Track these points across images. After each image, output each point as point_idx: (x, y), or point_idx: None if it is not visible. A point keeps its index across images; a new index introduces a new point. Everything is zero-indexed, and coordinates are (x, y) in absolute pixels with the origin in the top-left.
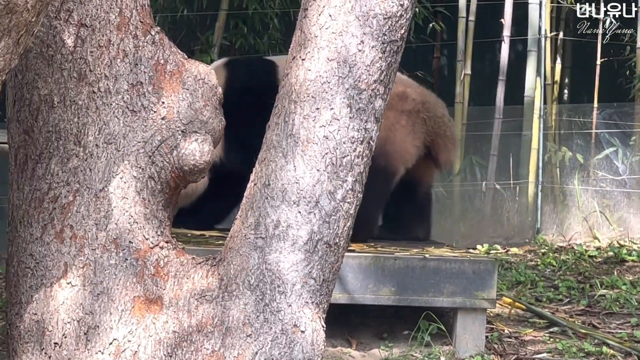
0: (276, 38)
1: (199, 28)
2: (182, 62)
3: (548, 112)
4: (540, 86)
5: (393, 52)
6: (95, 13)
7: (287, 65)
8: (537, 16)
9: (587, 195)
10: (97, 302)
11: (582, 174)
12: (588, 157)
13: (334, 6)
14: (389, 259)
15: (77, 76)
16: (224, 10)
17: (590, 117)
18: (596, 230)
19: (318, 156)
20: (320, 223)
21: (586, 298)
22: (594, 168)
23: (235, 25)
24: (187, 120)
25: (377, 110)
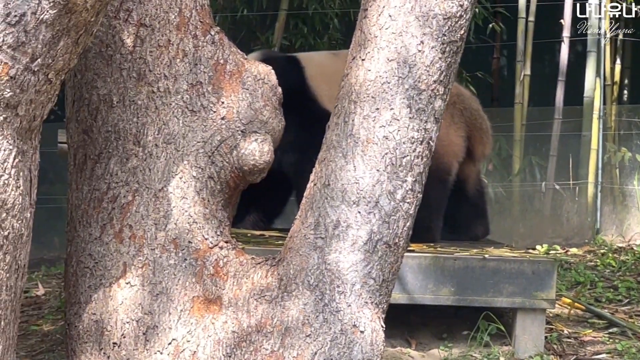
0: (336, 38)
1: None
2: (241, 62)
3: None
4: (599, 87)
5: (453, 52)
6: (155, 13)
7: (346, 65)
8: (597, 16)
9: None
10: (156, 302)
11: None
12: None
13: (393, 6)
14: (448, 259)
15: (136, 76)
16: (283, 10)
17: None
18: None
19: (378, 156)
20: (380, 223)
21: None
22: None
23: (295, 25)
24: (246, 120)
25: (437, 110)
